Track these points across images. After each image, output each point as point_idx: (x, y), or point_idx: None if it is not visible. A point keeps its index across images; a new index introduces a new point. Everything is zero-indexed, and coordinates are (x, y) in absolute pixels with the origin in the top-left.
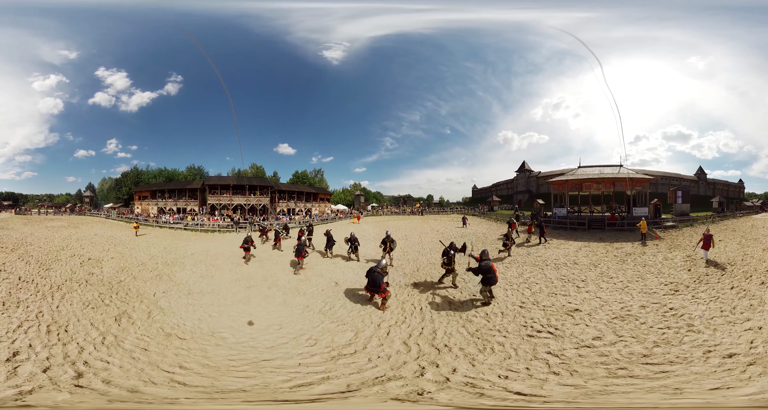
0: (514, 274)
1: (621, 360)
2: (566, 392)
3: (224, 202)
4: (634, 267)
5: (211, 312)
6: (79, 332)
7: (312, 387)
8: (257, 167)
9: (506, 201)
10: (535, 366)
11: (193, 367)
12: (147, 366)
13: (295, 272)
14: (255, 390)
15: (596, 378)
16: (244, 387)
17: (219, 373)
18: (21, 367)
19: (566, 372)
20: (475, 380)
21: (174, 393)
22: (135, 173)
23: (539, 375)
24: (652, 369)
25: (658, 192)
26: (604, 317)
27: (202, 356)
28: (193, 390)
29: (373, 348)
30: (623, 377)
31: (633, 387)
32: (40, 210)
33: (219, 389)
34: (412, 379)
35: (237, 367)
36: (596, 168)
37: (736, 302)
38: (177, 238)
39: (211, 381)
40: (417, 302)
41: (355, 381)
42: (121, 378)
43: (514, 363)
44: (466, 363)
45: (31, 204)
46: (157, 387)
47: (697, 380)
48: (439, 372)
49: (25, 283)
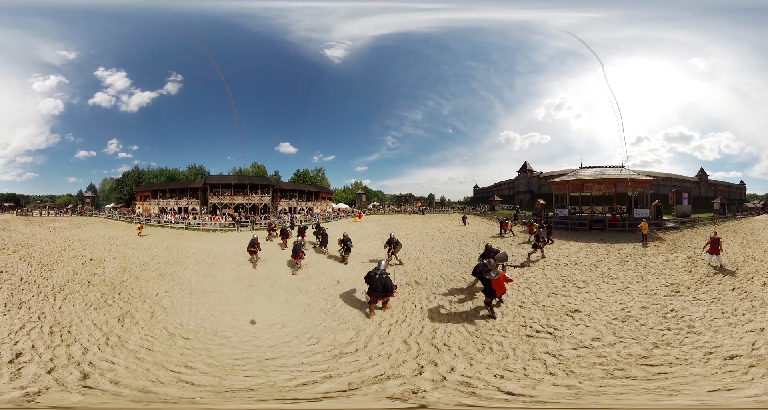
0: (514, 274)
1: (619, 361)
2: (557, 392)
3: (226, 201)
4: (635, 268)
5: (214, 312)
6: (82, 333)
7: (316, 386)
8: (258, 166)
9: (508, 201)
10: (531, 365)
11: (199, 367)
12: (153, 366)
13: (293, 272)
14: (262, 389)
15: (592, 378)
16: (252, 386)
17: (225, 372)
18: (25, 368)
19: (562, 372)
20: (470, 379)
21: (186, 393)
22: (136, 173)
23: (535, 375)
24: (651, 371)
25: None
26: (604, 318)
27: (206, 355)
28: (202, 389)
29: (374, 346)
30: (620, 378)
31: (627, 388)
32: (41, 211)
33: (228, 388)
34: (411, 378)
35: (242, 366)
36: (598, 169)
37: (738, 304)
38: (179, 238)
39: (218, 381)
40: (417, 301)
41: (356, 380)
42: (129, 378)
43: (511, 363)
44: (464, 362)
45: (33, 205)
46: (166, 386)
47: (697, 381)
48: (437, 371)
49: (27, 284)
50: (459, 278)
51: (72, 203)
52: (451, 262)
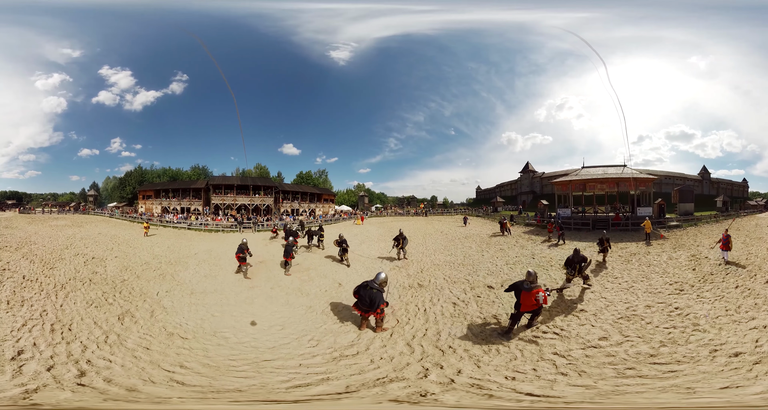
0: (518, 275)
1: (628, 360)
2: (578, 392)
3: (228, 202)
4: (639, 267)
5: (214, 312)
6: (82, 330)
7: (309, 388)
8: (261, 167)
9: (510, 202)
10: (542, 367)
11: (194, 367)
12: (148, 364)
13: (285, 272)
14: (251, 390)
15: (605, 378)
16: (241, 387)
17: (219, 373)
18: (26, 366)
19: (574, 372)
20: (481, 381)
21: (169, 392)
22: (139, 172)
23: (547, 376)
24: (661, 369)
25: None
26: (609, 317)
27: (203, 355)
28: (190, 389)
29: (376, 349)
30: (632, 377)
31: (645, 387)
32: (44, 209)
33: (215, 388)
34: (416, 381)
35: (237, 367)
36: (600, 168)
37: (741, 301)
38: (180, 237)
39: (209, 381)
40: (421, 304)
41: (355, 382)
42: (122, 376)
43: (520, 364)
44: (472, 365)
45: (35, 203)
46: (155, 386)
47: (706, 379)
48: (443, 374)
49: (29, 282)
50: (462, 280)
51: (74, 202)
52: (454, 264)
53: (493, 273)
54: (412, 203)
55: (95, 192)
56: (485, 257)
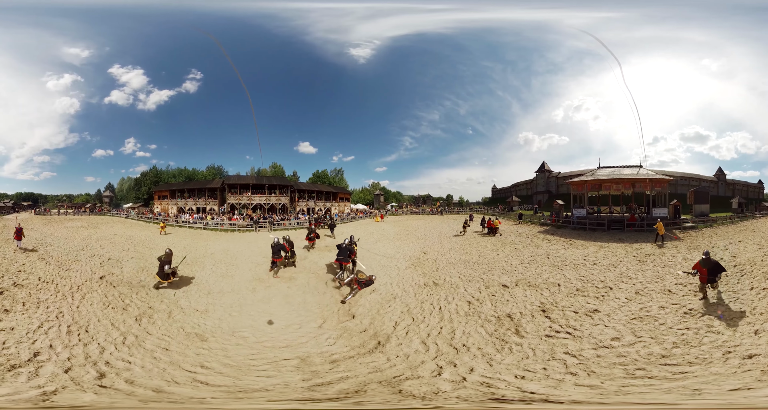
0: (533, 274)
1: (639, 361)
2: (582, 392)
3: (244, 201)
4: (654, 268)
5: (232, 312)
6: (99, 332)
7: (331, 386)
8: (277, 166)
9: (526, 201)
10: (552, 366)
11: (215, 367)
12: (169, 365)
13: (273, 275)
14: (277, 390)
15: (613, 378)
16: (266, 387)
17: (240, 373)
18: (43, 368)
19: (583, 372)
20: (491, 380)
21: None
22: (154, 172)
23: (556, 376)
24: (671, 370)
25: (678, 193)
26: (623, 317)
27: (223, 355)
28: (216, 389)
29: (392, 347)
30: (641, 378)
31: (650, 388)
32: (59, 210)
33: (242, 388)
34: (430, 378)
35: (258, 367)
36: (616, 169)
37: (756, 303)
38: (197, 237)
39: (233, 381)
40: (436, 302)
41: (372, 380)
42: (144, 378)
43: (531, 363)
44: (484, 363)
45: (51, 204)
46: (180, 386)
47: (717, 381)
48: (456, 372)
49: (45, 283)
50: (477, 279)
51: (90, 203)
52: (470, 263)
53: (508, 272)
54: (427, 202)
55: (110, 193)
56: (500, 256)
